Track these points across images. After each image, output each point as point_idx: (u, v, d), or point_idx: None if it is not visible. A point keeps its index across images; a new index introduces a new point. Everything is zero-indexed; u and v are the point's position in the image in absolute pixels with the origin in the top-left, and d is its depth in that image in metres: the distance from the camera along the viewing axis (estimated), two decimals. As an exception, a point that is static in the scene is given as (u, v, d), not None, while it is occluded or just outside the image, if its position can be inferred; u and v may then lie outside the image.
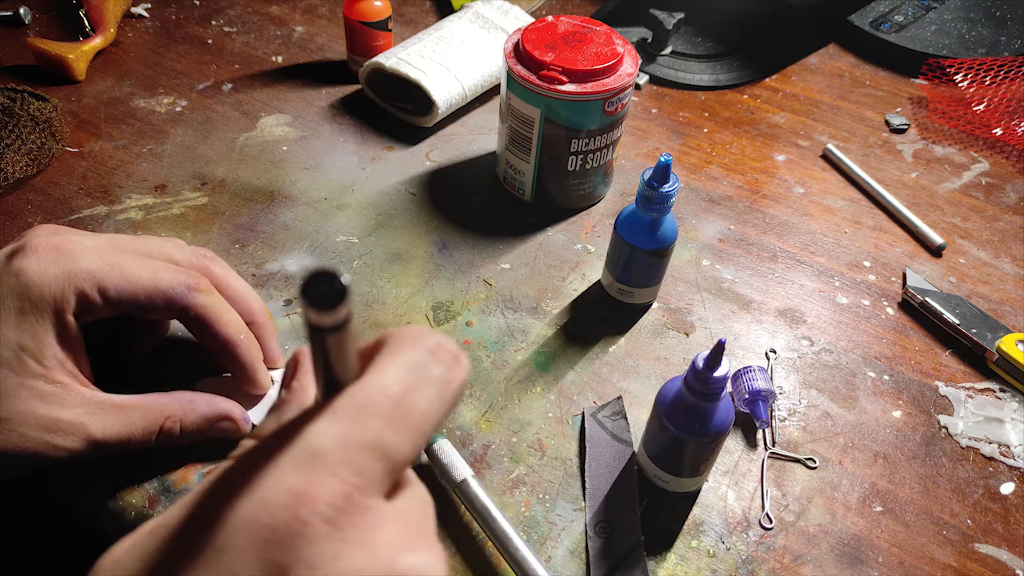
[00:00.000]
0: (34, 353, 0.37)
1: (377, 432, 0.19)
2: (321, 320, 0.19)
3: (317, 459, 0.18)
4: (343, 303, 0.18)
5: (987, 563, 0.50)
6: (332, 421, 0.19)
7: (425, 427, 0.20)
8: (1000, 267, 0.71)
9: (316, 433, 0.19)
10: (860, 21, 0.97)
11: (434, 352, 0.21)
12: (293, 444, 0.18)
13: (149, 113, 0.80)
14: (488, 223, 0.71)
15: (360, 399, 0.20)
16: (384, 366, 0.20)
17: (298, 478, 0.18)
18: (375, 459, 0.19)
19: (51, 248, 0.38)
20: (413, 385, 0.20)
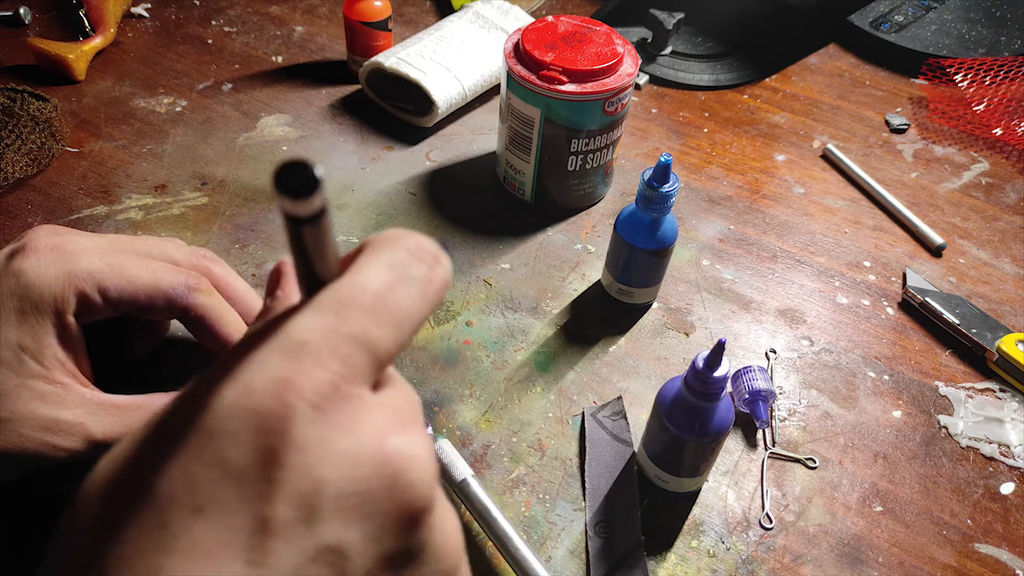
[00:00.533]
0: (34, 354, 0.37)
1: (360, 325, 0.19)
2: (297, 210, 0.19)
3: (302, 349, 0.18)
4: (317, 191, 0.18)
5: (987, 563, 0.50)
6: (315, 314, 0.19)
7: (407, 323, 0.20)
8: (1000, 267, 0.71)
9: (300, 325, 0.19)
10: (860, 21, 0.97)
11: (415, 252, 0.21)
12: (277, 335, 0.19)
13: (149, 113, 0.80)
14: (488, 223, 0.71)
15: (342, 294, 0.20)
16: (365, 265, 0.21)
17: (284, 366, 0.18)
18: (359, 351, 0.19)
19: (51, 249, 0.38)
20: (394, 282, 0.20)
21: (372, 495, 0.17)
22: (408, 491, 0.18)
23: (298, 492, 0.17)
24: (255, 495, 0.17)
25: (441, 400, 0.57)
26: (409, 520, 0.18)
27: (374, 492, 0.18)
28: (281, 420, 0.17)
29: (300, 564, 0.16)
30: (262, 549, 0.16)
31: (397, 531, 0.18)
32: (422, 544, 0.19)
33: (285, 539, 0.16)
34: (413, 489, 0.18)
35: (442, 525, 0.20)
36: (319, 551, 0.17)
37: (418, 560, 0.19)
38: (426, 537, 0.19)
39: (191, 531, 0.16)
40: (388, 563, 0.18)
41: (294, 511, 0.17)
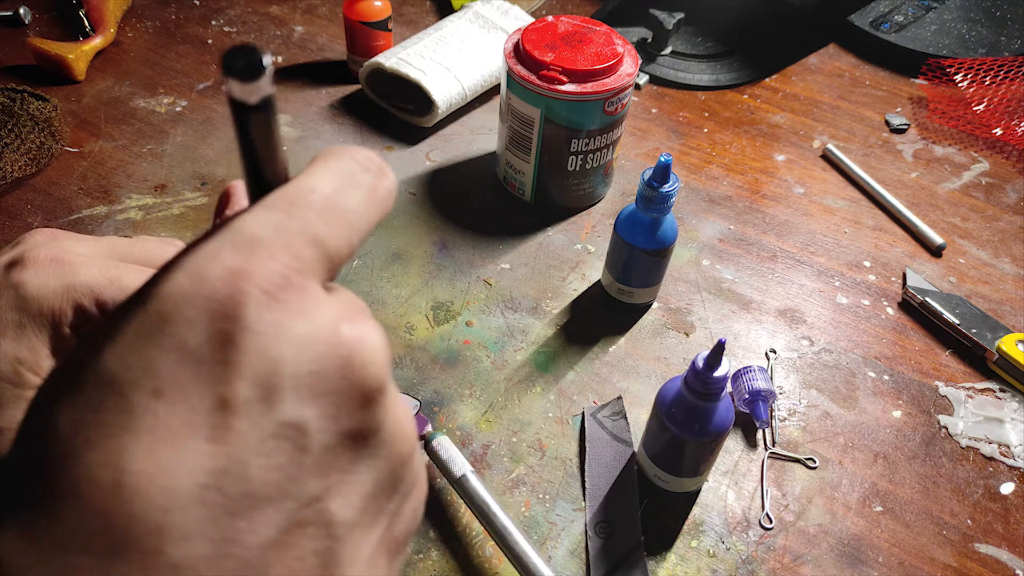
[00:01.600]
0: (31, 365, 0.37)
1: (311, 222, 0.20)
2: (244, 94, 0.19)
3: (254, 242, 0.18)
4: (264, 74, 0.19)
5: (987, 563, 0.50)
6: (266, 211, 0.20)
7: (356, 225, 0.21)
8: (1000, 267, 0.71)
9: (251, 220, 0.19)
10: (860, 21, 0.97)
11: (361, 162, 0.22)
12: (228, 230, 0.19)
13: (149, 113, 0.80)
14: (488, 223, 0.71)
15: (292, 194, 0.20)
16: (314, 171, 0.21)
17: (236, 257, 0.18)
18: (310, 246, 0.19)
19: (50, 260, 0.38)
20: (342, 186, 0.21)
21: (327, 374, 0.18)
22: (361, 371, 0.19)
23: (256, 372, 0.17)
24: (214, 377, 0.17)
25: (441, 400, 0.57)
26: (363, 399, 0.19)
27: (329, 372, 0.18)
28: (235, 305, 0.17)
29: (261, 440, 0.17)
30: (224, 427, 0.17)
31: (352, 409, 0.19)
32: (377, 424, 0.20)
33: (246, 417, 0.17)
34: (366, 369, 0.19)
35: (395, 410, 0.21)
36: (279, 427, 0.17)
37: (375, 440, 0.20)
38: (381, 418, 0.20)
39: (153, 412, 0.16)
40: (346, 440, 0.19)
41: (253, 390, 0.17)
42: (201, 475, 0.16)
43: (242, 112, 0.20)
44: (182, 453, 0.16)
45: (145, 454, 0.16)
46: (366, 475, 0.20)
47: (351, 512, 0.19)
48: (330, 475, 0.18)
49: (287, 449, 0.17)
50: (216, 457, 0.17)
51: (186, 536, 0.16)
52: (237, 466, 0.17)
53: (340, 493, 0.19)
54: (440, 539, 0.49)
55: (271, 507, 0.17)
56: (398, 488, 0.21)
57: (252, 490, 0.17)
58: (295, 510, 0.18)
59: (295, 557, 0.18)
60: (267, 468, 0.17)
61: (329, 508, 0.18)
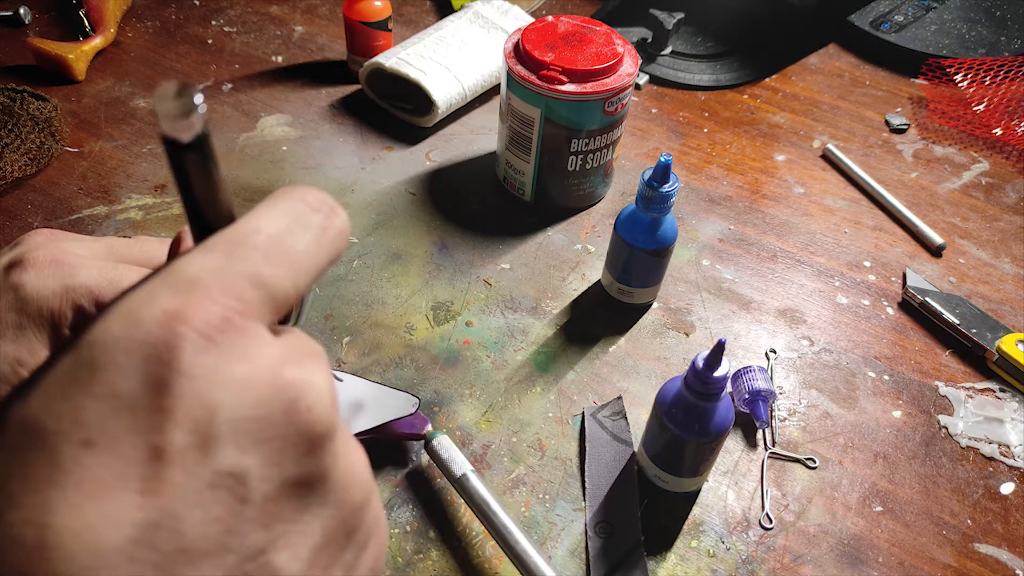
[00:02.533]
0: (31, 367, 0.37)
1: (254, 263, 0.19)
2: (176, 132, 0.18)
3: (192, 284, 0.18)
4: (195, 112, 0.18)
5: (987, 563, 0.50)
6: (206, 253, 0.19)
7: (303, 266, 0.20)
8: (1000, 267, 0.71)
9: (190, 263, 0.18)
10: (860, 21, 0.97)
11: (310, 203, 0.21)
12: (165, 272, 0.18)
13: (149, 113, 0.80)
14: (488, 223, 0.71)
15: (235, 235, 0.19)
16: (259, 212, 0.20)
17: (172, 300, 0.17)
18: (253, 288, 0.18)
19: (49, 262, 0.38)
20: (290, 228, 0.20)
21: (269, 420, 0.17)
22: (305, 415, 0.18)
23: (191, 419, 0.16)
24: (146, 425, 0.16)
25: (441, 400, 0.57)
26: (309, 444, 0.18)
27: (271, 416, 0.17)
28: (170, 349, 0.17)
29: (198, 490, 0.16)
30: (157, 478, 0.16)
31: (297, 456, 0.18)
32: (324, 471, 0.19)
33: (180, 466, 0.16)
34: (311, 413, 0.18)
35: (346, 454, 0.20)
36: (217, 476, 0.16)
37: (322, 488, 0.19)
38: (329, 464, 0.19)
39: (82, 464, 0.16)
40: (290, 490, 0.18)
41: (188, 438, 0.16)
42: (131, 529, 0.15)
43: (176, 151, 0.19)
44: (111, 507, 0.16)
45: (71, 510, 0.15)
46: (315, 525, 0.19)
47: (299, 565, 0.18)
48: (274, 526, 0.17)
49: (225, 500, 0.17)
50: (147, 510, 0.16)
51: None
52: (171, 519, 0.16)
53: (286, 545, 0.18)
54: (440, 539, 0.49)
55: (208, 562, 0.16)
56: (352, 538, 0.20)
57: (187, 545, 0.16)
58: (235, 564, 0.17)
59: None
60: (204, 521, 0.16)
61: (274, 561, 0.17)
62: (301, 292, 0.20)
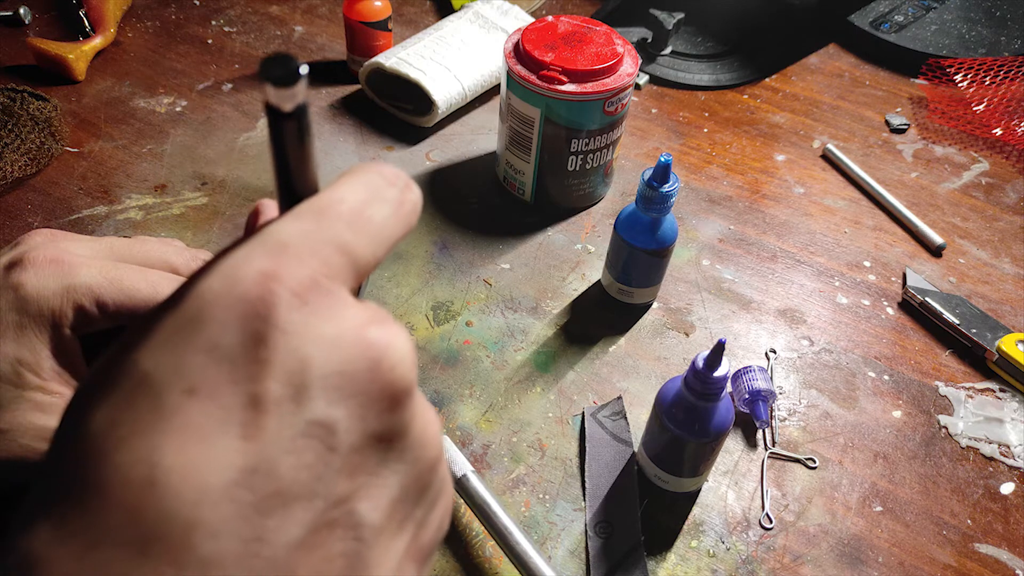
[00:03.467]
0: (32, 367, 0.37)
1: (339, 231, 0.20)
2: (280, 100, 0.20)
3: (284, 247, 0.19)
4: (299, 81, 0.20)
5: (987, 563, 0.50)
6: (296, 220, 0.20)
7: (382, 237, 0.21)
8: (1000, 267, 0.71)
9: (281, 228, 0.20)
10: (860, 21, 0.97)
11: (387, 177, 0.23)
12: (259, 236, 0.20)
13: (149, 113, 0.80)
14: (488, 223, 0.71)
15: (320, 204, 0.21)
16: (341, 183, 0.22)
17: (267, 261, 0.18)
18: (338, 254, 0.20)
19: (50, 261, 0.38)
20: (369, 199, 0.22)
21: (355, 375, 0.18)
22: (389, 374, 0.19)
23: (286, 371, 0.18)
24: (245, 375, 0.17)
25: (441, 400, 0.57)
26: (391, 401, 0.19)
27: (357, 373, 0.18)
28: (267, 306, 0.18)
29: (291, 438, 0.17)
30: (255, 425, 0.17)
31: (380, 410, 0.19)
32: (404, 428, 0.20)
33: (276, 415, 0.17)
34: (393, 372, 0.19)
35: (422, 415, 0.21)
36: (309, 426, 0.17)
37: (401, 444, 0.20)
38: (408, 422, 0.20)
39: (186, 411, 0.17)
40: (373, 442, 0.19)
41: (283, 389, 0.17)
42: (232, 472, 0.16)
43: (277, 119, 0.20)
44: (213, 451, 0.17)
45: (177, 452, 0.16)
46: (393, 479, 0.20)
47: (379, 516, 0.19)
48: (358, 476, 0.18)
49: (316, 448, 0.18)
50: (247, 455, 0.17)
51: (215, 533, 0.16)
52: (267, 464, 0.17)
53: (368, 496, 0.19)
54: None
55: (300, 506, 0.17)
56: (425, 495, 0.21)
57: (282, 488, 0.17)
58: (323, 510, 0.18)
59: (323, 558, 0.18)
60: (296, 467, 0.17)
61: (357, 510, 0.18)
62: (379, 260, 0.22)
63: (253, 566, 0.16)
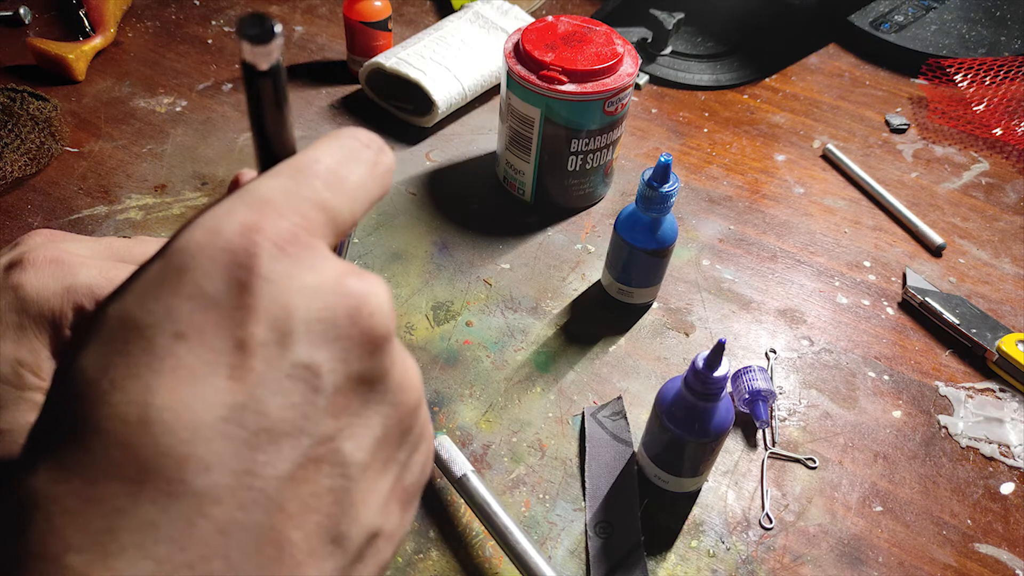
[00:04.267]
0: (32, 367, 0.37)
1: (317, 189, 0.21)
2: (256, 58, 0.21)
3: (265, 202, 0.20)
4: (275, 39, 0.21)
5: (987, 563, 0.50)
6: (275, 177, 0.21)
7: (358, 196, 0.23)
8: (1000, 267, 0.71)
9: (260, 185, 0.21)
10: (860, 21, 0.97)
11: (362, 140, 0.24)
12: (239, 192, 0.21)
13: (149, 113, 0.80)
14: (488, 223, 0.71)
15: (298, 164, 0.22)
16: (317, 146, 0.23)
17: (249, 214, 0.19)
18: (317, 210, 0.21)
19: (49, 262, 0.38)
20: (345, 160, 0.23)
21: (336, 320, 0.19)
22: (368, 320, 0.20)
23: (270, 316, 0.19)
24: (231, 320, 0.18)
25: (441, 400, 0.57)
26: (371, 345, 0.20)
27: (338, 319, 0.20)
28: (250, 256, 0.19)
29: (277, 379, 0.18)
30: (242, 367, 0.18)
31: (361, 354, 0.20)
32: (384, 371, 0.21)
33: (262, 357, 0.18)
34: (373, 318, 0.20)
35: (402, 361, 0.22)
36: (293, 368, 0.19)
37: (382, 386, 0.21)
38: (388, 366, 0.21)
39: (176, 353, 0.18)
40: (356, 384, 0.20)
41: (268, 333, 0.18)
42: (222, 410, 0.17)
43: (253, 77, 0.21)
44: (203, 390, 0.17)
45: (169, 391, 0.17)
46: (375, 419, 0.21)
47: (363, 454, 0.20)
48: (342, 416, 0.19)
49: (301, 389, 0.18)
50: (235, 394, 0.18)
51: (208, 467, 0.17)
52: (255, 402, 0.18)
53: (352, 435, 0.20)
54: (440, 539, 0.49)
55: (287, 442, 0.18)
56: (407, 437, 0.22)
57: (270, 425, 0.18)
58: (310, 447, 0.18)
59: (311, 493, 0.18)
60: (283, 406, 0.18)
61: (342, 448, 0.19)
62: (356, 219, 0.23)
63: (244, 498, 0.17)
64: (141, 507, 0.16)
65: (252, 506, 0.17)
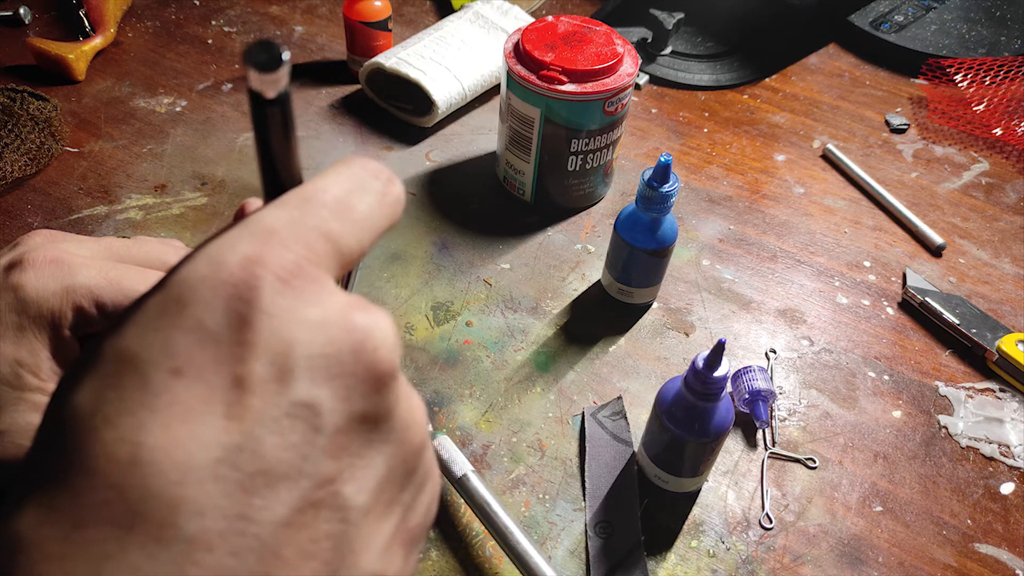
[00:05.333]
0: (31, 368, 0.37)
1: (323, 219, 0.21)
2: (263, 86, 0.20)
3: (269, 233, 0.19)
4: (282, 67, 0.20)
5: (987, 563, 0.50)
6: (281, 208, 0.21)
7: (366, 226, 0.22)
8: (1000, 267, 0.71)
9: (265, 216, 0.20)
10: (860, 21, 0.97)
11: (370, 171, 0.23)
12: (244, 223, 0.20)
13: (149, 113, 0.80)
14: (488, 223, 0.71)
15: (305, 194, 0.21)
16: (325, 175, 0.22)
17: (252, 246, 0.19)
18: (323, 241, 0.20)
19: (49, 262, 0.38)
20: (353, 190, 0.22)
21: (339, 357, 0.19)
22: (372, 355, 0.19)
23: (271, 352, 0.18)
24: (230, 356, 0.18)
25: (441, 400, 0.57)
26: (376, 382, 0.19)
27: (341, 354, 0.19)
28: (251, 289, 0.18)
29: (276, 418, 0.18)
30: (240, 404, 0.17)
31: (364, 391, 0.19)
32: (389, 409, 0.20)
33: (261, 395, 0.17)
34: (377, 353, 0.19)
35: (407, 398, 0.21)
36: (293, 406, 0.18)
37: (386, 426, 0.20)
38: (392, 404, 0.20)
39: (172, 390, 0.17)
40: (358, 423, 0.19)
41: (268, 369, 0.18)
42: (216, 450, 0.17)
43: (260, 105, 0.21)
44: (198, 429, 0.17)
45: (162, 430, 0.17)
46: (379, 460, 0.20)
47: (364, 497, 0.19)
48: (343, 457, 0.19)
49: (301, 428, 0.18)
50: (231, 433, 0.17)
51: (200, 510, 0.16)
52: (252, 443, 0.17)
53: (353, 477, 0.19)
54: (440, 539, 0.49)
55: (285, 486, 0.17)
56: (411, 479, 0.21)
57: (266, 467, 0.17)
58: (309, 490, 0.18)
59: (309, 539, 0.18)
60: (281, 446, 0.17)
61: (343, 492, 0.19)
62: (364, 250, 0.22)
63: (238, 544, 0.16)
64: (129, 553, 0.16)
65: (246, 553, 0.17)
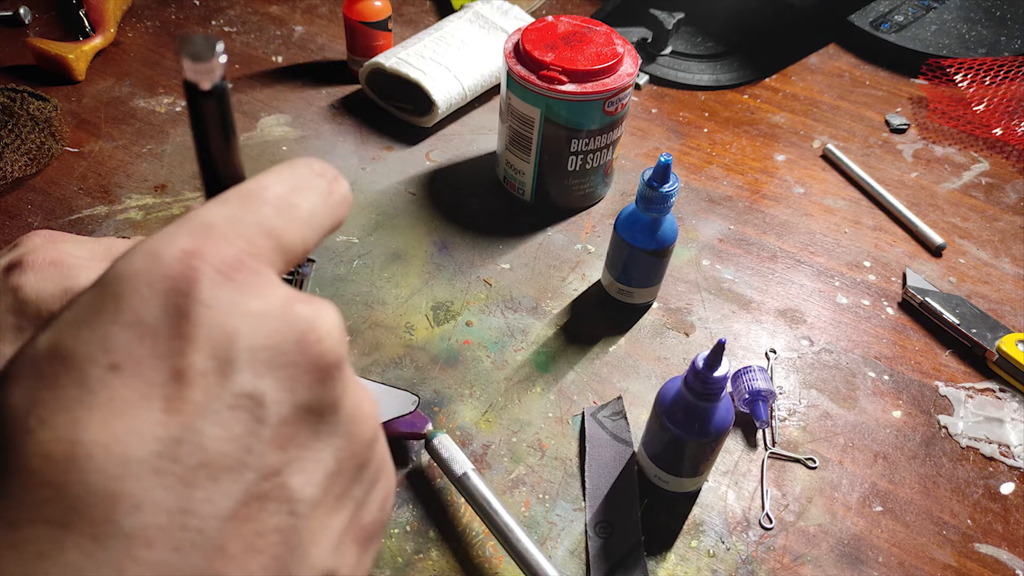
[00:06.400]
0: None
1: (265, 215, 0.20)
2: (197, 76, 0.20)
3: (208, 228, 0.19)
4: (215, 57, 0.20)
5: (987, 563, 0.50)
6: (221, 204, 0.20)
7: (310, 224, 0.22)
8: (1000, 267, 0.71)
9: (205, 211, 0.20)
10: (860, 21, 0.97)
11: (315, 169, 0.23)
12: (182, 219, 0.20)
13: (149, 113, 0.80)
14: (488, 223, 0.71)
15: (247, 190, 0.21)
16: (267, 173, 0.22)
17: (190, 240, 0.19)
18: (264, 237, 0.20)
19: (49, 264, 0.38)
20: (297, 188, 0.22)
21: (282, 347, 0.18)
22: (317, 345, 0.19)
23: (211, 344, 0.18)
24: (169, 350, 0.17)
25: (441, 400, 0.57)
26: (321, 372, 0.19)
27: (284, 344, 0.18)
28: (189, 282, 0.18)
29: (218, 410, 0.17)
30: (179, 398, 0.17)
31: (309, 383, 0.19)
32: (335, 401, 0.20)
33: (201, 388, 0.17)
34: (322, 344, 0.19)
35: (354, 390, 0.21)
36: (235, 398, 0.17)
37: (333, 417, 0.20)
38: (339, 395, 0.20)
39: (109, 386, 0.17)
40: (304, 414, 0.19)
41: (208, 361, 0.17)
42: (155, 444, 0.16)
43: (196, 98, 0.21)
44: (136, 423, 0.16)
45: (99, 427, 0.16)
46: (327, 453, 0.19)
47: (313, 490, 0.19)
48: (289, 449, 0.18)
49: (244, 420, 0.17)
50: (170, 427, 0.17)
51: (139, 505, 0.16)
52: (193, 435, 0.17)
53: (300, 469, 0.18)
54: (440, 539, 0.49)
55: (228, 478, 0.17)
56: (363, 473, 0.21)
57: (208, 459, 0.17)
58: (254, 482, 0.17)
59: (255, 532, 0.17)
60: (224, 438, 0.17)
61: (289, 484, 0.18)
62: (308, 249, 0.22)
63: (180, 538, 0.16)
64: (66, 552, 0.15)
65: (189, 548, 0.16)
